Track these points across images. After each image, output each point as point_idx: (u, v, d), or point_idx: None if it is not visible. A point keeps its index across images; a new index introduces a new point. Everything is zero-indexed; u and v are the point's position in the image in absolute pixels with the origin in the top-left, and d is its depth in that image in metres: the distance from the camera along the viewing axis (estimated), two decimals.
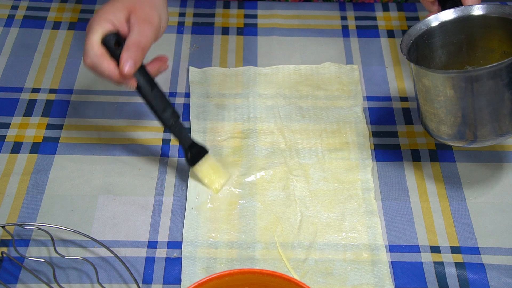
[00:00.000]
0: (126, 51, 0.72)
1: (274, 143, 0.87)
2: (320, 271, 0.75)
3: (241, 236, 0.78)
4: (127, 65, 0.72)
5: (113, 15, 0.73)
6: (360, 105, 0.93)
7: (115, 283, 0.73)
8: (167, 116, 0.78)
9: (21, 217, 0.79)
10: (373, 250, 0.77)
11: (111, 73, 0.72)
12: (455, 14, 0.79)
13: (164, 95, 0.78)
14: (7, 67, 0.97)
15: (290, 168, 0.85)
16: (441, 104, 0.74)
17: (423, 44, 0.80)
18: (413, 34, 0.79)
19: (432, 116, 0.77)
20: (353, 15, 1.08)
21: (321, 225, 0.79)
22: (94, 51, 0.72)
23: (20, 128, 0.89)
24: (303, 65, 0.99)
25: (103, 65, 0.72)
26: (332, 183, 0.83)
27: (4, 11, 1.06)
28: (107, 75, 0.73)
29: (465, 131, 0.75)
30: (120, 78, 0.73)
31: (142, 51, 0.73)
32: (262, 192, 0.82)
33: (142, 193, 0.82)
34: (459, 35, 0.81)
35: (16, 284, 0.73)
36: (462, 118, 0.74)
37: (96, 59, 0.72)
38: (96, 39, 0.72)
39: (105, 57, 0.72)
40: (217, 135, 0.88)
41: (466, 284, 0.74)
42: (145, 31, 0.74)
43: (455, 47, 0.82)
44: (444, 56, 0.83)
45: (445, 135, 0.77)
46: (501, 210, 0.82)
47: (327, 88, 0.95)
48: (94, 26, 0.73)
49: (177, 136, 0.80)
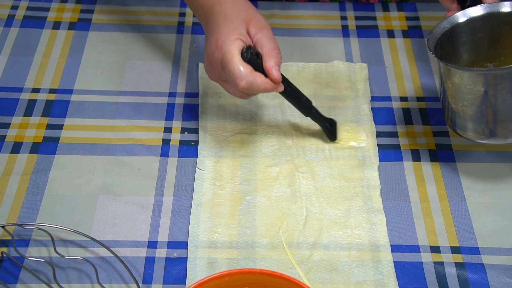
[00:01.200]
0: (269, 59, 0.75)
1: (281, 140, 0.88)
2: (324, 267, 0.75)
3: (246, 232, 0.78)
4: (275, 72, 0.75)
5: (238, 31, 0.75)
6: (368, 103, 0.93)
7: (115, 283, 0.73)
8: (306, 107, 0.84)
9: (21, 217, 0.79)
10: (378, 247, 0.77)
11: (265, 85, 0.75)
12: (484, 10, 0.80)
13: (298, 89, 0.82)
14: (7, 67, 0.97)
15: (297, 165, 0.85)
16: (471, 102, 0.75)
17: (447, 42, 0.80)
18: (437, 32, 0.79)
19: (461, 113, 0.77)
20: (353, 15, 1.08)
21: (326, 221, 0.79)
22: (245, 71, 0.73)
23: (20, 128, 0.89)
24: (312, 63, 0.99)
25: (257, 81, 0.74)
26: (338, 180, 0.84)
27: (4, 11, 1.06)
28: (263, 89, 0.75)
29: (494, 128, 0.76)
30: (273, 86, 0.76)
31: (279, 53, 0.77)
32: (268, 188, 0.82)
33: (142, 193, 0.82)
34: (482, 32, 0.82)
35: (16, 284, 0.73)
36: (490, 115, 0.75)
37: (250, 78, 0.74)
38: (239, 59, 0.74)
39: (254, 73, 0.74)
40: (224, 131, 0.89)
41: (466, 284, 0.74)
42: (270, 36, 0.77)
43: (476, 45, 0.83)
44: (466, 54, 0.83)
45: (474, 132, 0.77)
46: (501, 210, 0.82)
47: (335, 86, 0.95)
48: (230, 48, 0.74)
49: (317, 119, 0.86)
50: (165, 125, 0.90)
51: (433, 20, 1.07)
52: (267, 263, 0.75)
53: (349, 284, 0.73)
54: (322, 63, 0.99)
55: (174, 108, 0.92)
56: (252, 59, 0.74)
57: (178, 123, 0.90)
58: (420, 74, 0.98)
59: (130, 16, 1.06)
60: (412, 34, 1.05)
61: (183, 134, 0.89)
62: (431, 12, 1.09)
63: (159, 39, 1.03)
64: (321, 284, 0.73)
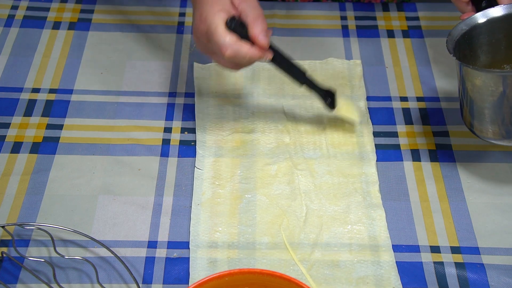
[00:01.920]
0: (255, 26, 0.75)
1: (279, 138, 0.88)
2: (326, 263, 0.75)
3: (247, 230, 0.78)
4: (263, 38, 0.75)
5: (221, 4, 0.76)
6: (363, 100, 0.93)
7: (115, 283, 0.73)
8: (299, 75, 0.83)
9: (21, 217, 0.79)
10: (379, 242, 0.77)
11: (251, 53, 0.75)
12: (504, 11, 0.80)
13: (288, 56, 0.81)
14: (7, 67, 0.97)
15: (295, 162, 0.85)
16: (492, 104, 0.75)
17: (464, 44, 0.80)
18: (455, 34, 0.79)
19: (482, 116, 0.77)
20: (353, 15, 1.08)
21: (326, 218, 0.80)
22: (229, 40, 0.74)
23: (20, 128, 0.89)
24: (306, 60, 0.99)
25: (243, 49, 0.75)
26: (337, 176, 0.84)
27: (4, 11, 1.06)
28: (250, 57, 0.75)
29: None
30: (260, 54, 0.76)
31: (265, 20, 0.77)
32: (267, 186, 0.82)
33: (142, 193, 0.82)
34: (499, 34, 0.82)
35: (16, 284, 0.73)
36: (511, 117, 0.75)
37: (234, 47, 0.74)
38: (223, 30, 0.74)
39: (239, 42, 0.75)
40: (221, 131, 0.89)
41: (466, 284, 0.74)
42: (254, 4, 0.78)
43: (493, 47, 0.83)
44: (483, 56, 0.83)
45: (494, 134, 0.78)
46: (501, 210, 0.82)
47: (330, 83, 0.95)
48: (214, 19, 0.75)
49: (311, 88, 0.85)
50: (165, 125, 0.90)
51: (433, 20, 1.07)
52: (269, 261, 0.75)
53: (351, 280, 0.74)
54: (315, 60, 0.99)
55: (174, 108, 0.92)
56: (237, 28, 0.75)
57: (178, 123, 0.90)
58: (420, 74, 0.98)
59: (130, 16, 1.06)
60: (412, 34, 1.05)
61: (183, 134, 0.89)
62: (431, 12, 1.09)
63: (159, 39, 1.03)
64: (323, 281, 0.73)
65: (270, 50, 0.78)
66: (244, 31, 0.76)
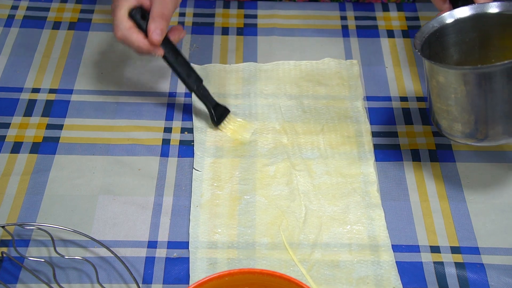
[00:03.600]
0: (153, 21, 0.80)
1: (276, 138, 0.88)
2: (326, 263, 0.75)
3: (246, 231, 0.78)
4: (155, 34, 0.80)
5: None
6: (360, 100, 0.93)
7: (115, 283, 0.73)
8: (191, 81, 0.86)
9: (21, 217, 0.79)
10: (378, 242, 0.77)
11: (140, 43, 0.80)
12: (471, 11, 0.79)
13: (187, 62, 0.86)
14: (7, 67, 0.97)
15: (293, 163, 0.85)
16: (455, 102, 0.74)
17: (436, 42, 0.79)
18: (426, 31, 0.78)
19: (445, 113, 0.76)
20: (353, 15, 1.08)
21: (325, 218, 0.80)
22: (124, 24, 0.80)
23: (20, 128, 0.89)
24: (303, 61, 0.99)
25: (133, 36, 0.80)
26: (335, 177, 0.84)
27: (4, 11, 1.06)
28: (137, 46, 0.80)
29: (478, 129, 0.74)
30: (149, 47, 0.81)
31: (167, 20, 0.81)
32: (266, 187, 0.82)
33: (142, 193, 0.82)
34: (472, 33, 0.80)
35: (16, 284, 0.73)
36: (476, 116, 0.73)
37: (126, 31, 0.80)
38: (123, 13, 0.80)
39: (133, 30, 0.80)
40: (219, 132, 0.89)
41: (466, 284, 0.74)
42: (166, 2, 0.81)
43: (467, 45, 0.82)
44: (456, 55, 0.82)
45: (458, 133, 0.76)
46: (501, 210, 0.82)
47: (327, 84, 0.96)
48: (120, 2, 0.80)
49: (202, 98, 0.87)
50: (165, 125, 0.90)
51: None
52: (269, 262, 0.75)
53: (352, 280, 0.74)
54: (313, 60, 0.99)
55: (174, 108, 0.92)
56: (136, 18, 0.81)
57: (178, 123, 0.90)
58: (420, 74, 0.98)
59: None
60: (412, 34, 1.05)
61: (183, 134, 0.89)
62: (431, 12, 1.08)
63: None
64: (324, 281, 0.73)
65: (160, 48, 0.82)
66: (144, 24, 0.81)
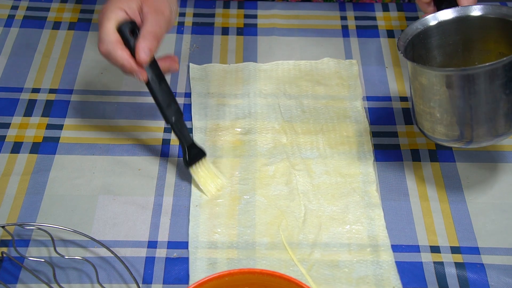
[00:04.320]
0: (143, 39, 0.73)
1: (276, 138, 0.88)
2: (326, 263, 0.75)
3: (246, 231, 0.78)
4: (143, 53, 0.73)
5: (126, 4, 0.74)
6: (360, 100, 0.93)
7: (115, 283, 0.73)
8: (170, 113, 0.79)
9: (21, 217, 0.79)
10: (378, 242, 0.77)
11: (124, 60, 0.73)
12: (454, 14, 0.79)
13: (170, 92, 0.79)
14: (7, 67, 0.97)
15: (292, 163, 0.85)
16: (437, 103, 0.74)
17: (419, 44, 0.79)
18: (409, 33, 0.78)
19: (428, 115, 0.76)
20: (353, 15, 1.08)
21: (325, 218, 0.80)
22: (110, 38, 0.73)
23: (20, 128, 0.89)
24: (302, 60, 0.99)
25: (117, 52, 0.73)
26: (335, 176, 0.84)
27: (4, 11, 1.06)
28: (120, 63, 0.74)
29: (461, 131, 0.74)
30: (133, 67, 0.74)
31: (158, 41, 0.75)
32: (266, 187, 0.82)
33: (142, 193, 0.82)
34: (456, 36, 0.81)
35: (16, 284, 0.73)
36: (458, 118, 0.73)
37: (111, 45, 0.73)
38: (111, 26, 0.73)
39: (119, 45, 0.73)
40: (218, 131, 0.89)
41: (466, 284, 0.74)
42: (159, 22, 0.75)
43: (450, 48, 0.82)
44: (440, 57, 0.82)
45: (441, 135, 0.76)
46: (501, 210, 0.82)
47: (326, 83, 0.96)
48: (108, 14, 0.74)
49: (178, 134, 0.80)
50: (165, 125, 0.90)
51: None
52: (269, 262, 0.75)
53: (351, 280, 0.74)
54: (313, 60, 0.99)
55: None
56: (125, 33, 0.74)
57: None
58: None
59: None
60: None
61: None
62: None
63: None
64: (323, 281, 0.73)
65: (144, 71, 0.75)
66: (132, 42, 0.74)
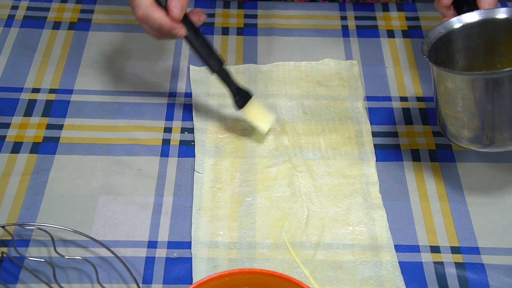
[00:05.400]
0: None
1: (277, 140, 0.88)
2: (329, 265, 0.75)
3: (249, 233, 0.78)
4: (177, 9, 0.77)
5: None
6: (361, 100, 0.93)
7: (115, 283, 0.73)
8: (213, 62, 0.83)
9: (21, 217, 0.79)
10: (381, 243, 0.77)
11: (162, 20, 0.77)
12: (479, 16, 0.79)
13: (208, 42, 0.82)
14: (7, 67, 0.97)
15: (294, 164, 0.85)
16: (463, 107, 0.74)
17: (442, 47, 0.79)
18: (432, 37, 0.78)
19: (454, 119, 0.76)
20: (353, 15, 1.08)
21: (328, 219, 0.80)
22: (144, 2, 0.76)
23: (20, 128, 0.89)
24: (303, 61, 0.99)
25: (155, 14, 0.77)
26: (337, 178, 0.84)
27: (4, 11, 1.06)
28: (159, 23, 0.77)
29: (486, 135, 0.74)
30: (171, 25, 0.78)
31: None
32: (268, 189, 0.82)
33: (142, 193, 0.82)
34: (478, 39, 0.80)
35: (16, 284, 0.73)
36: (484, 122, 0.73)
37: (147, 9, 0.77)
38: None
39: (155, 7, 0.77)
40: (219, 133, 0.89)
41: (466, 284, 0.74)
42: None
43: (472, 51, 0.81)
44: (462, 61, 0.82)
45: (465, 138, 0.76)
46: (501, 210, 0.82)
47: (327, 84, 0.96)
48: None
49: (224, 80, 0.84)
50: (165, 125, 0.90)
51: (433, 20, 1.07)
52: (272, 264, 0.75)
53: (355, 281, 0.74)
54: (313, 61, 0.99)
55: (174, 108, 0.92)
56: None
57: (178, 123, 0.90)
58: (420, 74, 0.98)
59: (130, 16, 1.06)
60: (412, 34, 1.05)
61: (183, 134, 0.89)
62: (431, 12, 1.09)
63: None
64: (327, 282, 0.73)
65: (183, 26, 0.79)
66: (163, 1, 0.78)
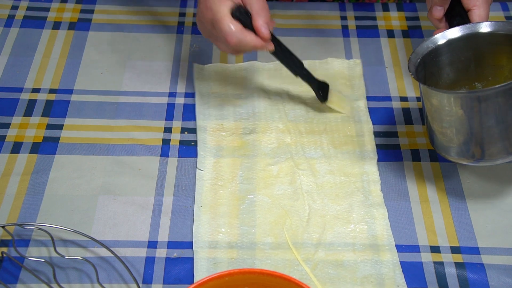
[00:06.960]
0: (258, 17, 0.79)
1: (279, 138, 0.88)
2: (330, 263, 0.75)
3: (250, 231, 0.78)
4: (264, 29, 0.79)
5: None
6: (363, 99, 0.93)
7: (115, 283, 0.73)
8: (297, 68, 0.87)
9: (21, 217, 0.79)
10: (382, 241, 0.77)
11: (255, 43, 0.79)
12: (462, 31, 0.79)
13: (287, 48, 0.86)
14: (7, 67, 0.97)
15: (296, 162, 0.85)
16: (450, 124, 0.74)
17: (431, 62, 0.79)
18: (420, 52, 0.78)
19: (441, 135, 0.77)
20: (353, 15, 1.08)
21: (329, 217, 0.80)
22: (235, 28, 0.78)
23: (20, 128, 0.89)
24: (306, 60, 0.99)
25: (247, 38, 0.79)
26: (339, 176, 0.84)
27: (4, 11, 1.06)
28: (253, 45, 0.80)
29: (474, 150, 0.75)
30: (263, 44, 0.80)
31: (267, 13, 0.80)
32: (269, 186, 0.83)
33: (142, 193, 0.82)
34: (467, 52, 0.81)
35: (16, 284, 0.73)
36: (471, 137, 0.74)
37: (240, 35, 0.78)
38: (230, 19, 0.78)
39: (245, 30, 0.79)
40: (222, 131, 0.89)
41: (466, 284, 0.74)
42: None
43: (463, 64, 0.82)
44: (452, 74, 0.82)
45: (454, 154, 0.77)
46: (501, 210, 0.82)
47: (330, 83, 0.95)
48: (219, 8, 0.78)
49: (307, 80, 0.89)
50: (165, 125, 0.90)
51: None
52: (273, 262, 0.75)
53: (356, 279, 0.74)
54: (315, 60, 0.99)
55: (174, 108, 0.92)
56: (242, 17, 0.79)
57: (178, 123, 0.90)
58: None
59: (130, 16, 1.06)
60: (412, 34, 1.05)
61: (183, 134, 0.89)
62: None
63: (159, 39, 1.03)
64: (328, 280, 0.73)
65: (271, 42, 0.81)
66: (248, 20, 0.79)
